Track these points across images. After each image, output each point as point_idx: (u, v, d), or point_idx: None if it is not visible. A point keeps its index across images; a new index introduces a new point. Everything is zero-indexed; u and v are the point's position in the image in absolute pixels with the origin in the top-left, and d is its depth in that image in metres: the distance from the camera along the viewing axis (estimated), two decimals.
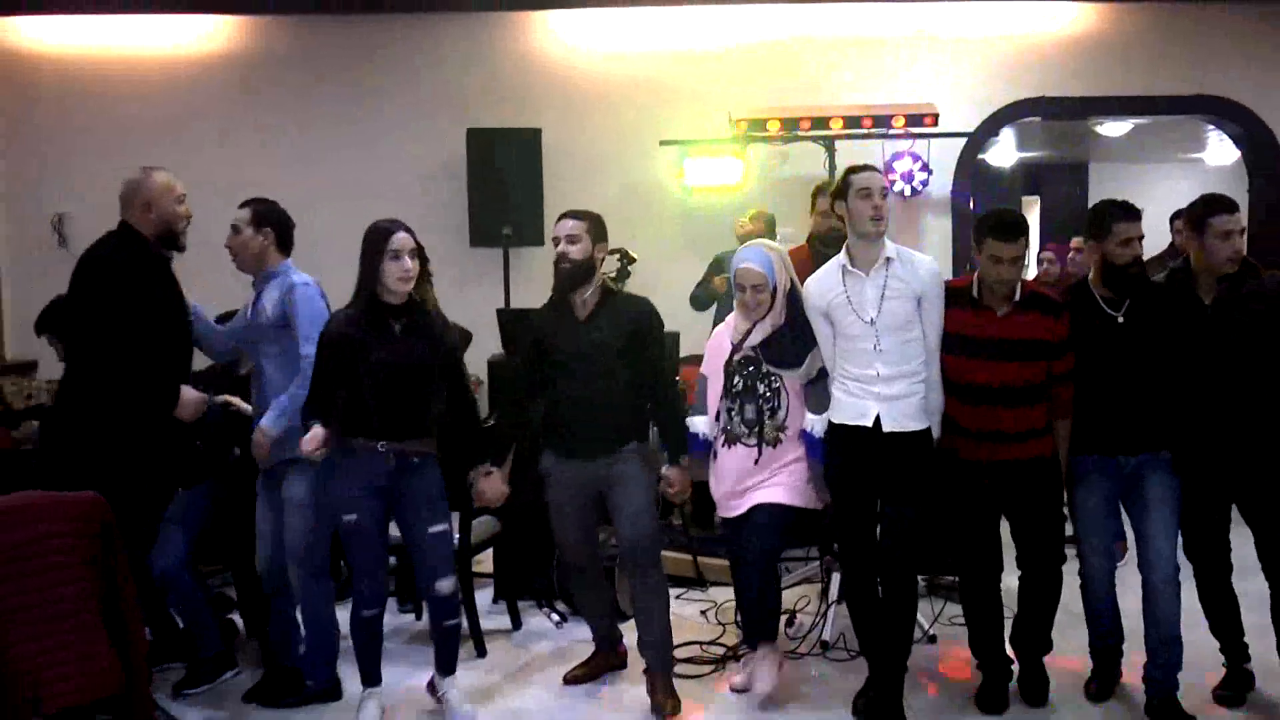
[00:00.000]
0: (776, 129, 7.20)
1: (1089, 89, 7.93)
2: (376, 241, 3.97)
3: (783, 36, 7.91)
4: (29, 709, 3.12)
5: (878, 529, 4.04)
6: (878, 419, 3.92)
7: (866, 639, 4.14)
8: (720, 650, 4.76)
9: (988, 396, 3.99)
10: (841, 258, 4.02)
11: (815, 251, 5.25)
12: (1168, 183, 11.57)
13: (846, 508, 4.07)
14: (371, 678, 4.15)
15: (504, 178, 7.35)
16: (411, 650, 4.90)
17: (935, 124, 7.18)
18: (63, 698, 3.18)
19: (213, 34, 7.93)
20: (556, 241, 4.15)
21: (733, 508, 4.25)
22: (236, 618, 5.02)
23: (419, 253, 4.03)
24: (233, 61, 7.95)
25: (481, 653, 4.84)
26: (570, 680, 4.49)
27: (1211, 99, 7.94)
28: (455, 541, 4.57)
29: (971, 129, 7.72)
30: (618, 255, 5.69)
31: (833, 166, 7.19)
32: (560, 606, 5.30)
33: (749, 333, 4.20)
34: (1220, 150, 11.52)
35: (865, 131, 7.24)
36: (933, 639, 4.82)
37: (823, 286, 4.06)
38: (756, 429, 4.19)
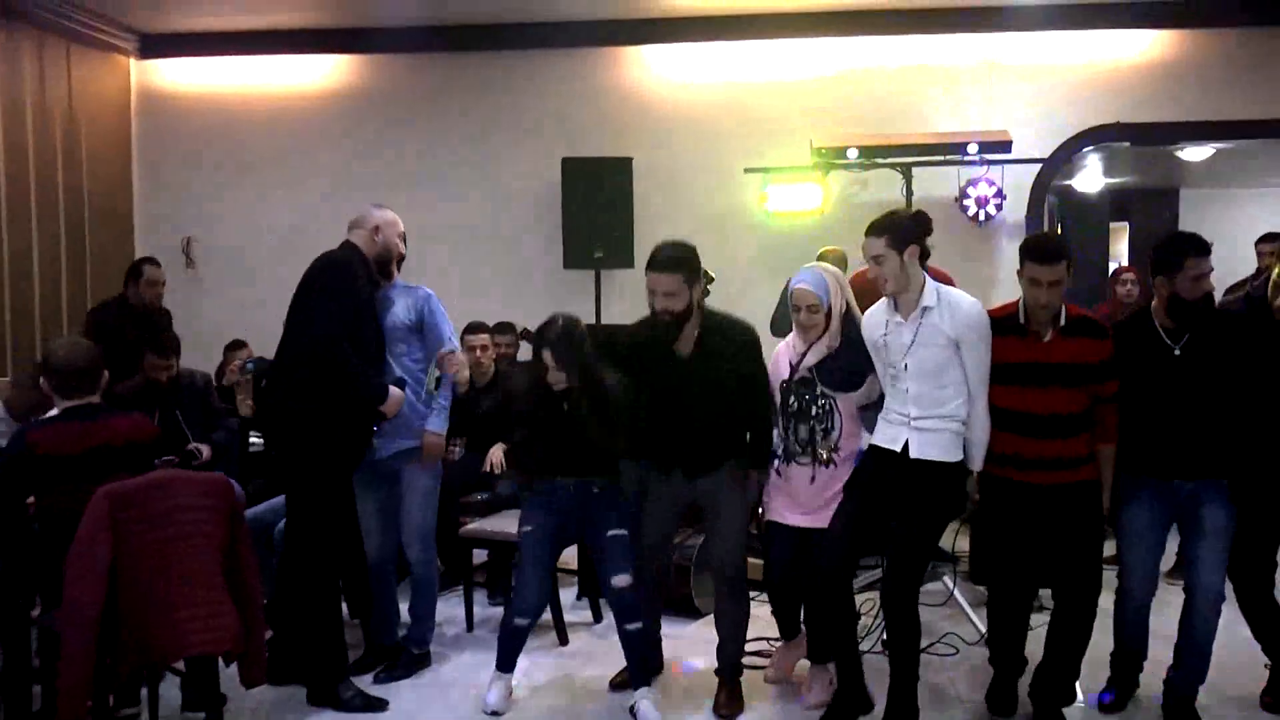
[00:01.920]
0: (855, 156, 7.31)
1: (1165, 114, 7.94)
2: None
3: (861, 66, 8.12)
4: (167, 652, 3.61)
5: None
6: (905, 445, 3.96)
7: (839, 641, 4.22)
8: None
9: (1035, 423, 3.98)
10: (888, 300, 4.05)
11: None
12: (1260, 206, 11.48)
13: (848, 512, 4.10)
14: (505, 665, 4.45)
15: (596, 203, 7.65)
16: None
17: (1009, 150, 7.29)
18: (194, 647, 3.68)
19: (329, 73, 8.53)
20: (652, 294, 4.20)
21: (785, 517, 4.40)
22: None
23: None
24: (348, 98, 8.53)
25: (564, 641, 5.24)
26: (616, 686, 4.60)
27: None
28: None
29: (1045, 155, 7.84)
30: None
31: (909, 192, 7.34)
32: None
33: (805, 354, 4.33)
34: None
35: (941, 158, 7.36)
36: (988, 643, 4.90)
37: (873, 321, 4.12)
38: (810, 448, 4.31)
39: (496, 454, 5.80)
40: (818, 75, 8.16)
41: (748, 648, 4.72)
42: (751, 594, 4.63)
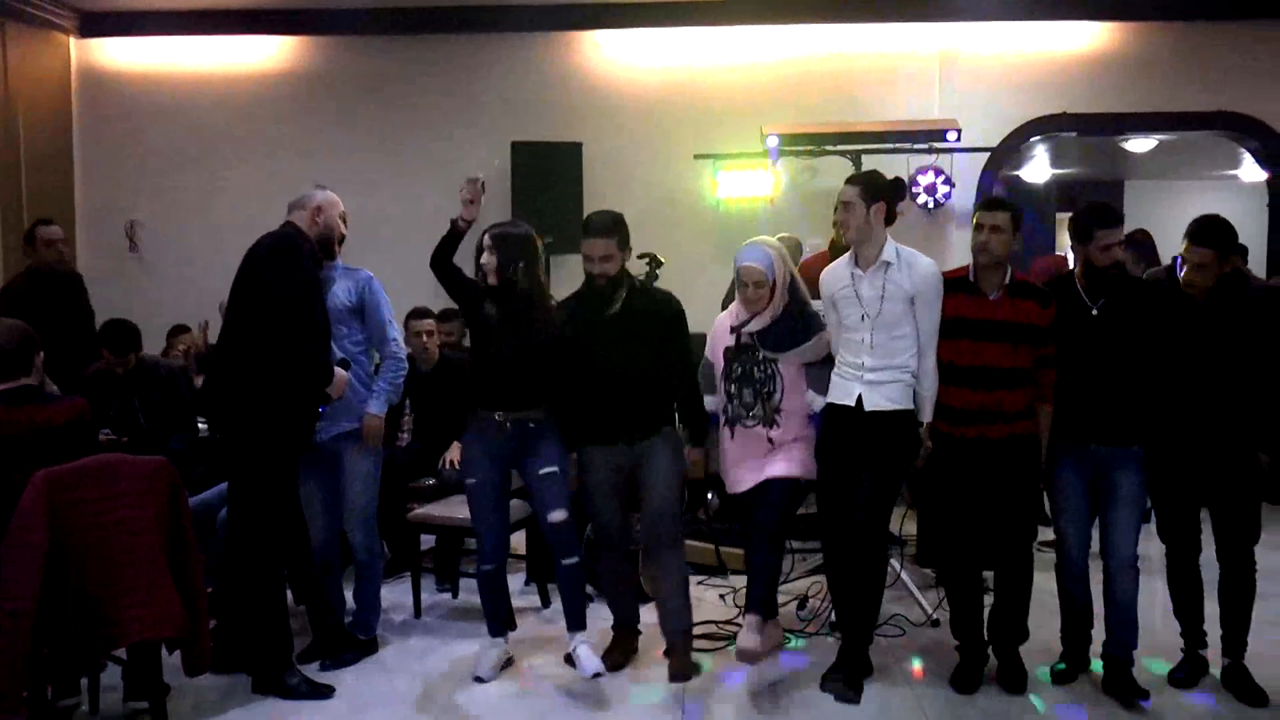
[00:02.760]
0: (805, 143, 7.31)
1: (1111, 105, 8.07)
2: None
3: (812, 54, 8.14)
4: (108, 639, 3.54)
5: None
6: (860, 399, 4.22)
7: (842, 608, 4.44)
8: (736, 629, 4.94)
9: (978, 377, 4.20)
10: (851, 256, 4.32)
11: (835, 257, 5.39)
12: (1201, 199, 11.65)
13: (827, 479, 4.37)
14: (494, 629, 4.60)
15: (546, 188, 7.65)
16: (448, 624, 5.29)
17: (958, 139, 7.30)
18: (135, 633, 3.61)
19: (277, 54, 8.40)
20: (589, 259, 4.42)
21: (743, 481, 4.51)
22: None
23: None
24: (293, 79, 8.40)
25: (512, 626, 5.12)
26: (612, 667, 4.58)
27: (1232, 115, 8.06)
28: None
29: (994, 144, 7.92)
30: (647, 260, 6.03)
31: None
32: (586, 589, 5.62)
33: (749, 321, 4.45)
34: (1254, 168, 11.47)
35: (890, 146, 7.35)
36: (935, 623, 5.06)
37: (833, 278, 4.36)
38: (755, 411, 4.46)
39: (455, 452, 5.77)
40: (769, 62, 8.17)
41: (696, 630, 4.76)
42: (700, 578, 4.62)
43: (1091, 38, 8.11)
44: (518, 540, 5.59)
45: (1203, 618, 4.42)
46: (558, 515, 4.44)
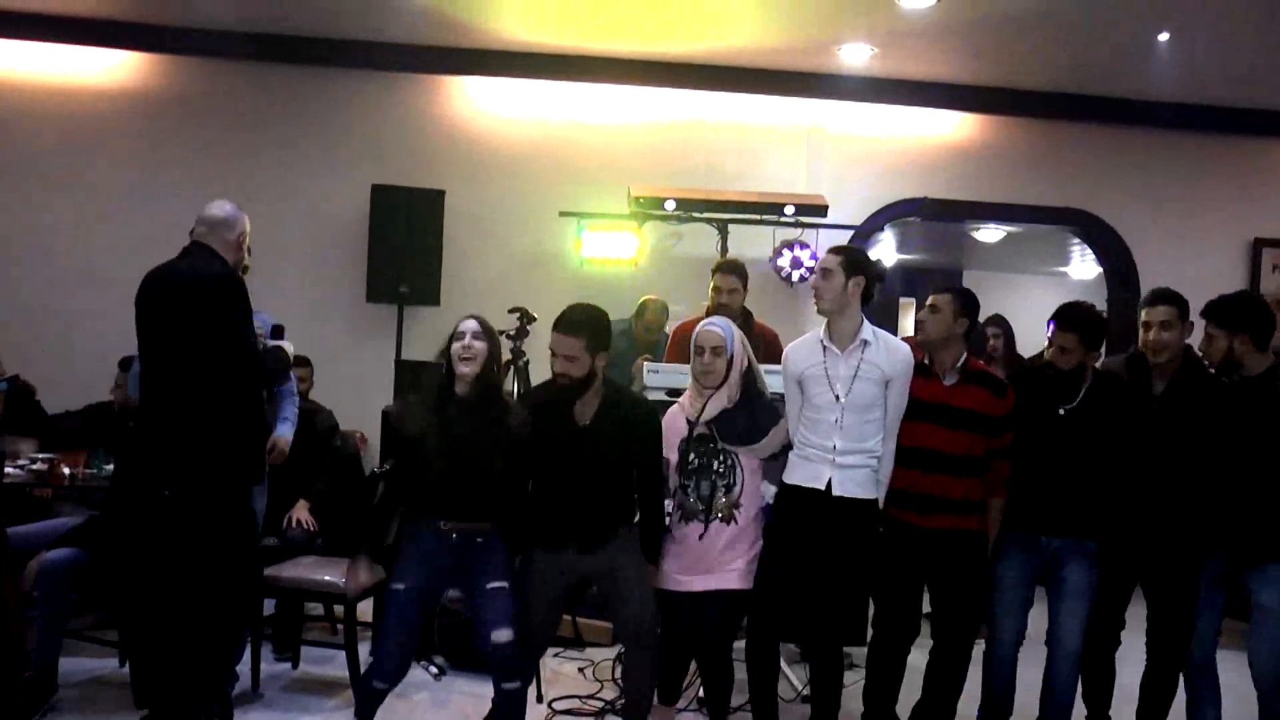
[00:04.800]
0: (673, 208, 7.21)
1: (969, 194, 8.24)
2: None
3: (683, 118, 8.06)
4: None
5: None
6: (830, 483, 4.03)
7: (760, 699, 4.23)
8: (599, 704, 4.82)
9: (928, 460, 4.12)
10: (821, 332, 4.15)
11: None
12: (1035, 293, 12.11)
13: (773, 563, 4.11)
14: (364, 714, 4.13)
15: (405, 235, 7.36)
16: (287, 697, 4.88)
17: (824, 214, 7.33)
18: None
19: (116, 68, 7.74)
20: (554, 355, 4.04)
21: (688, 583, 4.22)
22: None
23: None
24: (137, 98, 7.76)
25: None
26: None
27: (1078, 212, 8.33)
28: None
29: (858, 222, 7.98)
30: (518, 315, 5.88)
31: (724, 248, 7.27)
32: (439, 660, 5.30)
33: (704, 408, 4.20)
34: (1082, 266, 12.09)
35: (758, 218, 7.32)
36: (806, 699, 4.87)
37: (801, 354, 4.16)
38: (709, 505, 4.19)
39: (301, 510, 5.50)
40: (640, 122, 8.07)
41: (558, 705, 4.61)
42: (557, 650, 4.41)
43: (953, 127, 8.29)
44: (366, 608, 5.19)
45: (1109, 704, 4.46)
46: (503, 635, 3.93)
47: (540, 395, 4.20)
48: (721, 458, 4.21)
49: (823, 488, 4.04)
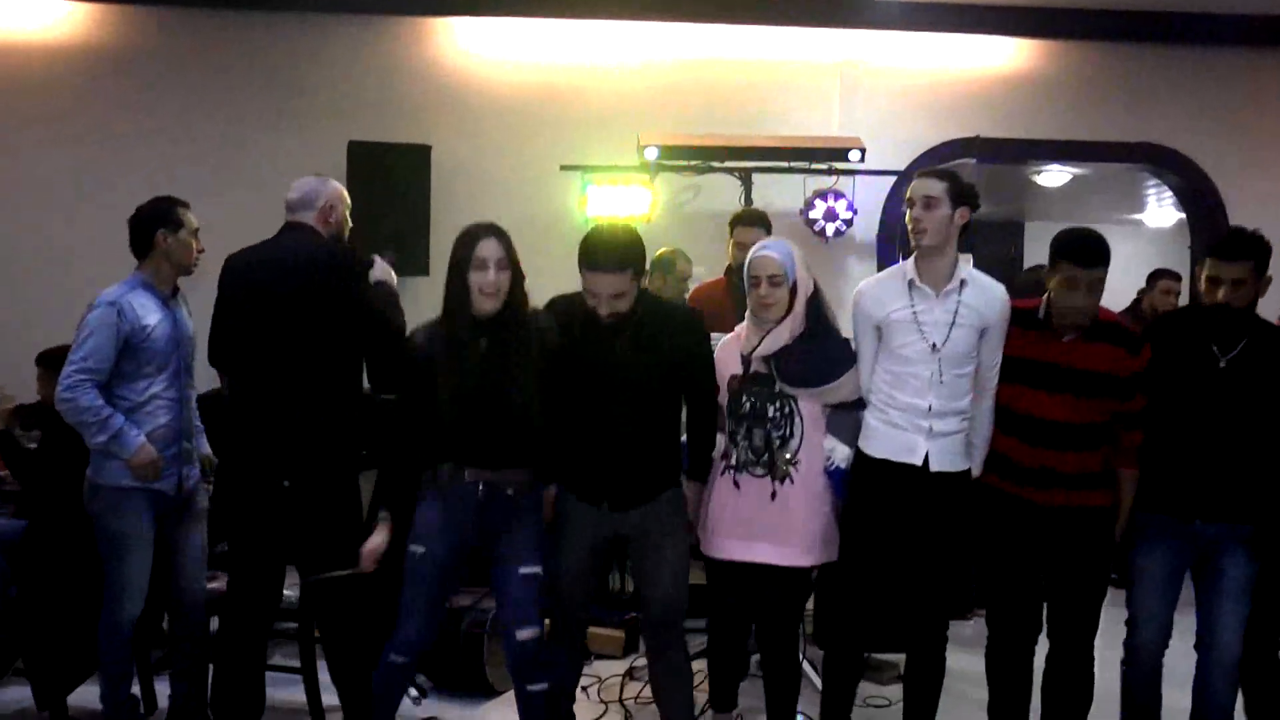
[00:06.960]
0: (688, 158, 6.88)
1: (1027, 132, 7.77)
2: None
3: (698, 56, 7.62)
4: None
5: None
6: (926, 458, 3.68)
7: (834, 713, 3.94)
8: None
9: (1043, 431, 3.75)
10: (908, 269, 3.74)
11: (733, 284, 5.05)
12: (1111, 243, 11.38)
13: (864, 554, 3.77)
14: None
15: (388, 197, 6.95)
16: None
17: (862, 160, 6.89)
18: None
19: (64, 19, 7.35)
20: (594, 296, 3.63)
21: (729, 549, 3.85)
22: None
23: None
24: (87, 51, 7.36)
25: None
26: None
27: (1154, 147, 7.81)
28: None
29: (900, 168, 7.44)
30: None
31: (748, 201, 6.88)
32: (419, 679, 4.76)
33: (759, 343, 3.78)
34: (1160, 211, 11.74)
35: (786, 165, 6.99)
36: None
37: (882, 295, 3.77)
38: (767, 458, 3.79)
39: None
40: (647, 63, 7.61)
41: None
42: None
43: (1008, 56, 7.77)
44: None
45: None
46: (528, 633, 3.62)
47: (564, 310, 3.78)
48: (778, 404, 3.79)
49: (919, 463, 3.67)
